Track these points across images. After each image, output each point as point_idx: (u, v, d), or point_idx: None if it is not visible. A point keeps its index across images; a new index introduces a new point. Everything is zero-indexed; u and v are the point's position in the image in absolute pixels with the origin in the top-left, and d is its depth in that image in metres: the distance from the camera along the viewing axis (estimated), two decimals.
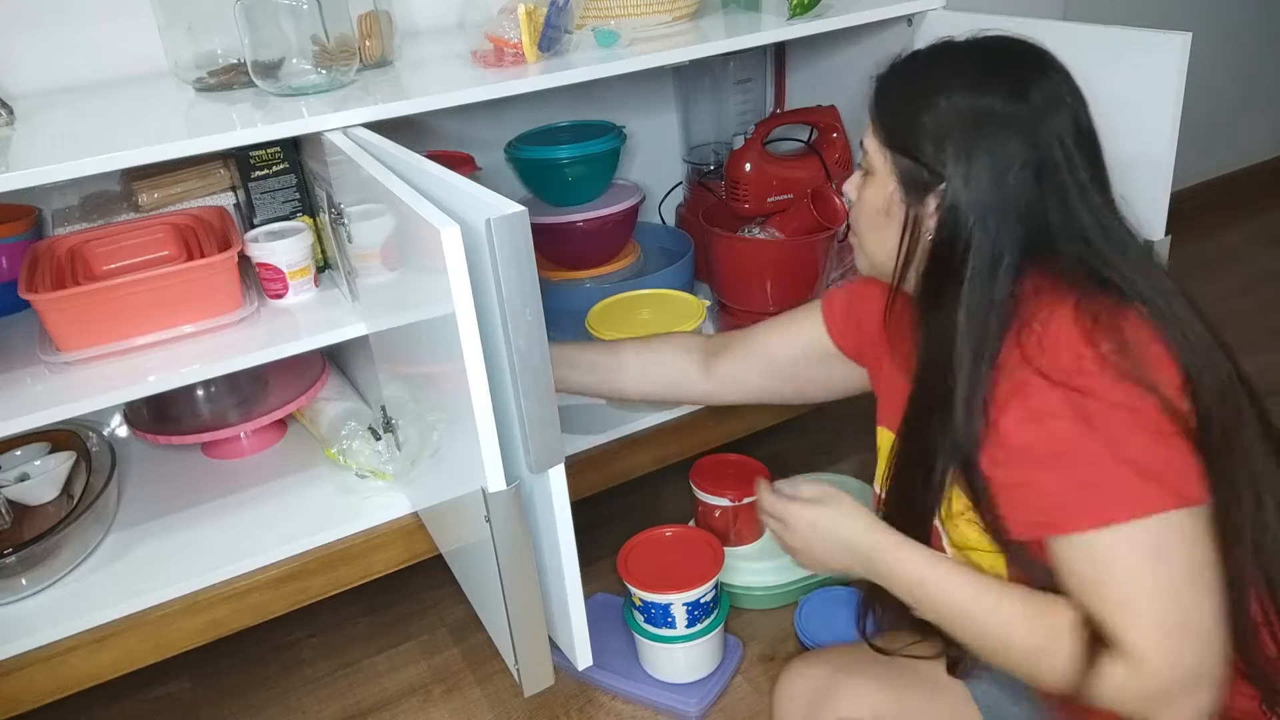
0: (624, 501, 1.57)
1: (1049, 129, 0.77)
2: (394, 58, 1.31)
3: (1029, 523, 0.76)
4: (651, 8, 1.29)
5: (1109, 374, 0.72)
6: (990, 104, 0.78)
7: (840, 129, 1.53)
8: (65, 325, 1.07)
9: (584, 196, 1.53)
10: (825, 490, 0.92)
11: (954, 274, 0.79)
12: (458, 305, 0.78)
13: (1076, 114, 0.79)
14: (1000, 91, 0.78)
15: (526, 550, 0.91)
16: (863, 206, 0.89)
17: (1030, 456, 0.74)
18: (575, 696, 1.28)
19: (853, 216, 0.91)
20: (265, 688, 1.35)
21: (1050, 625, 0.74)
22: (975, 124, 0.78)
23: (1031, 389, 0.74)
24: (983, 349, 0.77)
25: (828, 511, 0.90)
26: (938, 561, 0.83)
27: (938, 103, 0.80)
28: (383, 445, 1.25)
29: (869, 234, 0.89)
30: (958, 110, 0.79)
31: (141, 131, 1.05)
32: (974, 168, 0.78)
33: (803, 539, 0.92)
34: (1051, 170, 0.77)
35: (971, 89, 0.79)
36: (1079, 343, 0.73)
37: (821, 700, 1.00)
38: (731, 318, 1.54)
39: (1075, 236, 0.78)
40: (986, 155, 0.77)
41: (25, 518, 1.23)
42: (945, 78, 0.81)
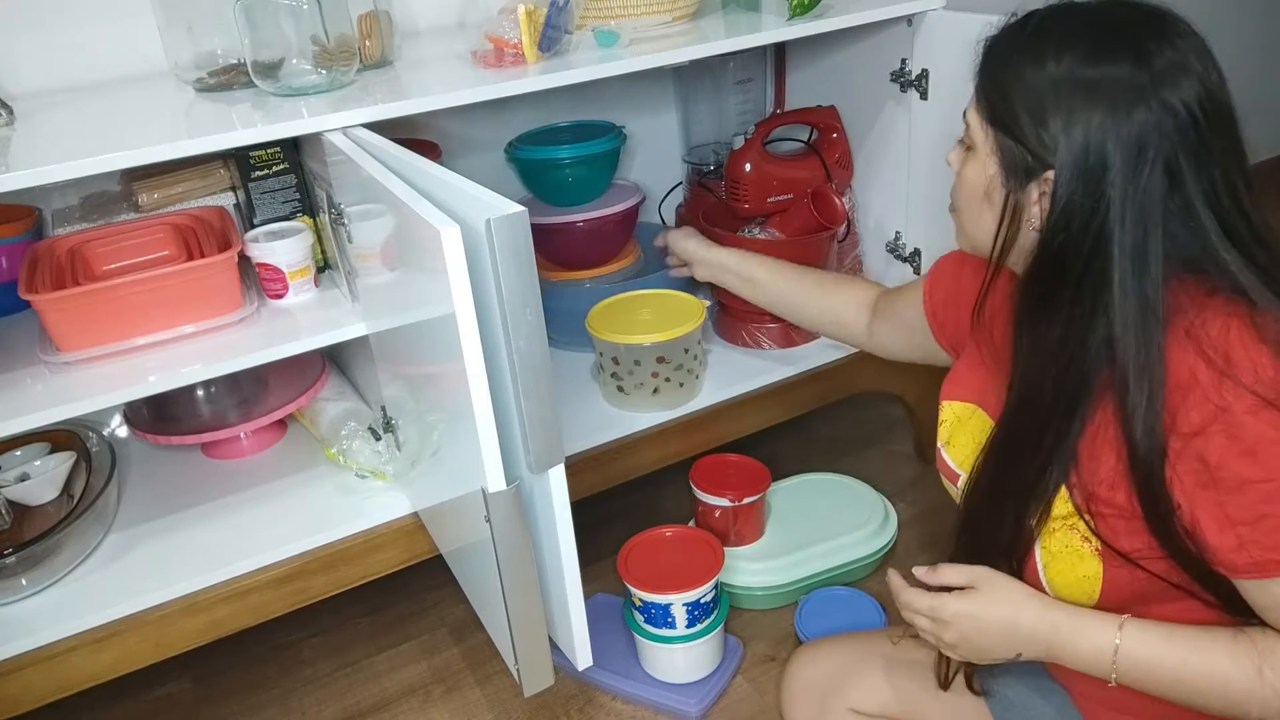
0: (624, 501, 1.57)
1: (1177, 104, 0.69)
2: (394, 58, 1.31)
3: (1268, 560, 0.69)
4: (651, 8, 1.29)
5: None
6: (1110, 72, 0.70)
7: (840, 129, 1.53)
8: (65, 325, 1.07)
9: (584, 197, 1.53)
10: (975, 574, 0.82)
11: (1079, 274, 0.72)
12: (458, 305, 0.78)
13: (1206, 85, 0.71)
14: (1123, 58, 0.70)
15: (526, 550, 0.91)
16: (962, 184, 0.82)
17: (1259, 490, 0.68)
18: (575, 696, 1.28)
19: (954, 192, 0.85)
20: (265, 688, 1.35)
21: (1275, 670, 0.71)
22: (1092, 98, 0.70)
23: (1234, 414, 0.68)
24: (1147, 362, 0.70)
25: (989, 600, 0.80)
26: (1124, 625, 0.76)
27: (1049, 74, 0.72)
28: (383, 445, 1.25)
29: (968, 214, 0.83)
30: (1071, 82, 0.71)
31: (141, 131, 1.05)
32: (1091, 153, 0.70)
33: (962, 634, 0.82)
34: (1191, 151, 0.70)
35: (1089, 56, 0.71)
36: (1266, 354, 0.68)
37: (833, 690, 1.00)
38: (732, 318, 1.54)
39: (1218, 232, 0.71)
40: (1111, 134, 0.69)
41: (25, 518, 1.23)
42: (1058, 44, 0.72)
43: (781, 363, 1.47)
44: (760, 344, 1.51)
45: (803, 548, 1.40)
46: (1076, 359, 0.74)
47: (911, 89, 1.40)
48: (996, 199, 0.78)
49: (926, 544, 1.47)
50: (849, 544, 1.41)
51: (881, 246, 1.57)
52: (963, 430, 0.93)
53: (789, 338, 1.51)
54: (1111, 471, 0.74)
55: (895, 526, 1.46)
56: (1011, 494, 0.80)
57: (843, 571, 1.40)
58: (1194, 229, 0.71)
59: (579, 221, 1.49)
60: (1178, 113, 0.69)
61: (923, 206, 1.46)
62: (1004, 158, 0.76)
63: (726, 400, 1.40)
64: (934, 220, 1.45)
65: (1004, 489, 0.81)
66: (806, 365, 1.46)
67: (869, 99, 1.50)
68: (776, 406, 1.45)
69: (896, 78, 1.42)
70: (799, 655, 1.06)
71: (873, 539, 1.42)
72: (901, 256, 1.53)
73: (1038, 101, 0.72)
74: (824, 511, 1.47)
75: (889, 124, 1.48)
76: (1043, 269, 0.75)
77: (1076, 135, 0.70)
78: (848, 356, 1.49)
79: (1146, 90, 0.69)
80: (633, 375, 1.34)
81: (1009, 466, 0.81)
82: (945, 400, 0.96)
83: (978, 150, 0.79)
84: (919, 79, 1.38)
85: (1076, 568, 0.78)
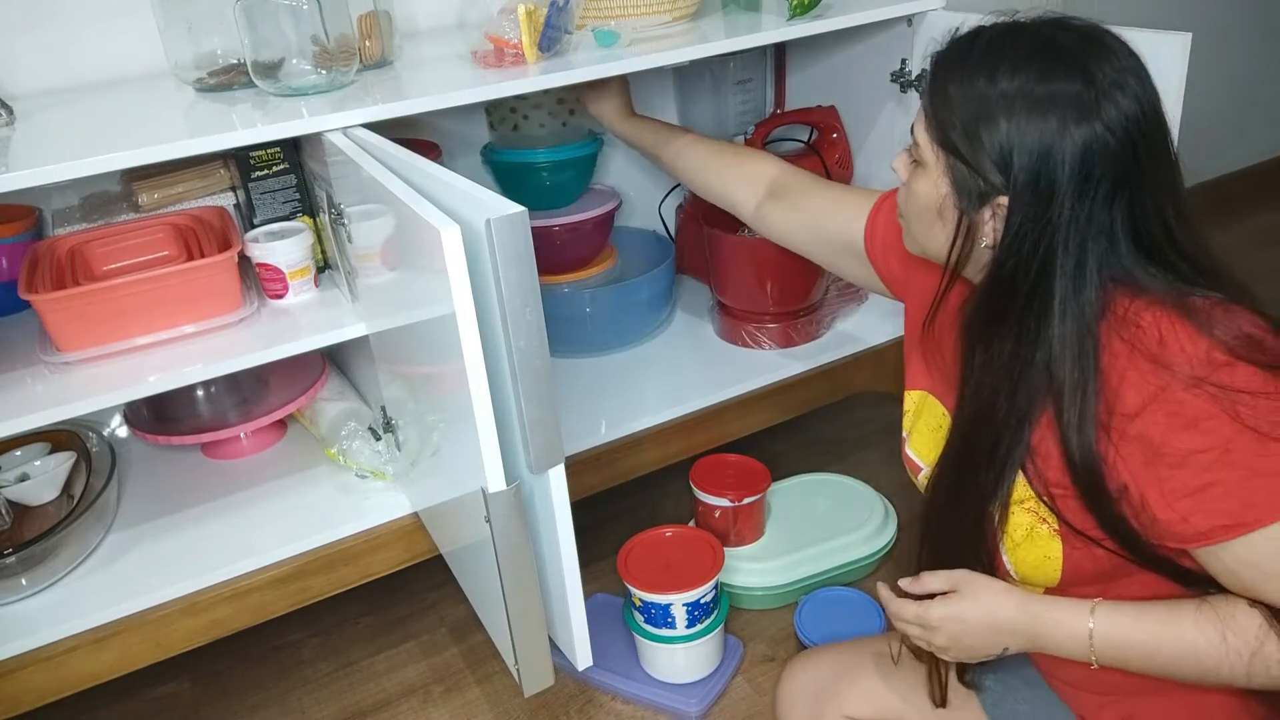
0: (624, 501, 1.57)
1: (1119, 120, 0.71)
2: (394, 58, 1.31)
3: (1213, 527, 0.71)
4: (651, 8, 1.29)
5: (1240, 363, 0.70)
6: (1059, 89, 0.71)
7: (840, 129, 1.53)
8: (65, 325, 1.07)
9: (561, 201, 1.54)
10: (955, 578, 0.84)
11: (1026, 293, 0.75)
12: (458, 306, 0.78)
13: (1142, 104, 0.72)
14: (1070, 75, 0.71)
15: (526, 550, 0.91)
16: (912, 197, 0.83)
17: (1200, 461, 0.71)
18: (575, 696, 1.28)
19: (901, 199, 0.86)
20: (265, 688, 1.35)
21: (1245, 634, 0.73)
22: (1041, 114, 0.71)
23: (1172, 392, 0.71)
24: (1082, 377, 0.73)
25: (971, 602, 0.83)
26: (1095, 609, 0.79)
27: (996, 95, 0.72)
28: (383, 445, 1.25)
29: (918, 226, 0.84)
30: (1023, 104, 0.71)
31: (141, 131, 1.05)
32: (1042, 175, 0.71)
33: (950, 636, 0.84)
34: (1130, 169, 0.72)
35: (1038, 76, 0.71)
36: (1196, 336, 0.71)
37: (826, 697, 1.00)
38: (732, 318, 1.54)
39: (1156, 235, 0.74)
40: (1056, 157, 0.71)
41: (25, 518, 1.23)
42: (1009, 63, 0.73)
43: (781, 363, 1.47)
44: (760, 344, 1.51)
45: (803, 548, 1.40)
46: (1024, 376, 0.76)
47: (911, 89, 1.40)
48: (949, 217, 0.79)
49: None
50: (849, 544, 1.41)
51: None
52: (921, 420, 0.96)
53: (789, 338, 1.51)
54: (1061, 462, 0.77)
55: (895, 526, 1.46)
56: (972, 497, 0.83)
57: (843, 571, 1.40)
58: (1127, 246, 0.74)
59: (555, 226, 1.50)
60: (1117, 131, 0.71)
61: None
62: (956, 180, 0.77)
63: (726, 400, 1.40)
64: None
65: (963, 493, 0.84)
66: (806, 365, 1.46)
67: (869, 99, 1.50)
68: (776, 406, 1.45)
69: (896, 78, 1.42)
70: (793, 662, 1.07)
71: (873, 539, 1.42)
72: None
73: (988, 122, 0.73)
74: (824, 511, 1.47)
75: (889, 124, 1.48)
76: (995, 289, 0.77)
77: (1027, 158, 0.72)
78: (848, 356, 1.49)
79: (1091, 108, 0.71)
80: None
81: (966, 474, 0.83)
82: (906, 389, 0.99)
83: (928, 168, 0.79)
84: (919, 79, 1.38)
85: (1037, 549, 0.81)
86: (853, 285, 1.61)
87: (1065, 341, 0.74)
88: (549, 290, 1.52)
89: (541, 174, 1.49)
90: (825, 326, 1.55)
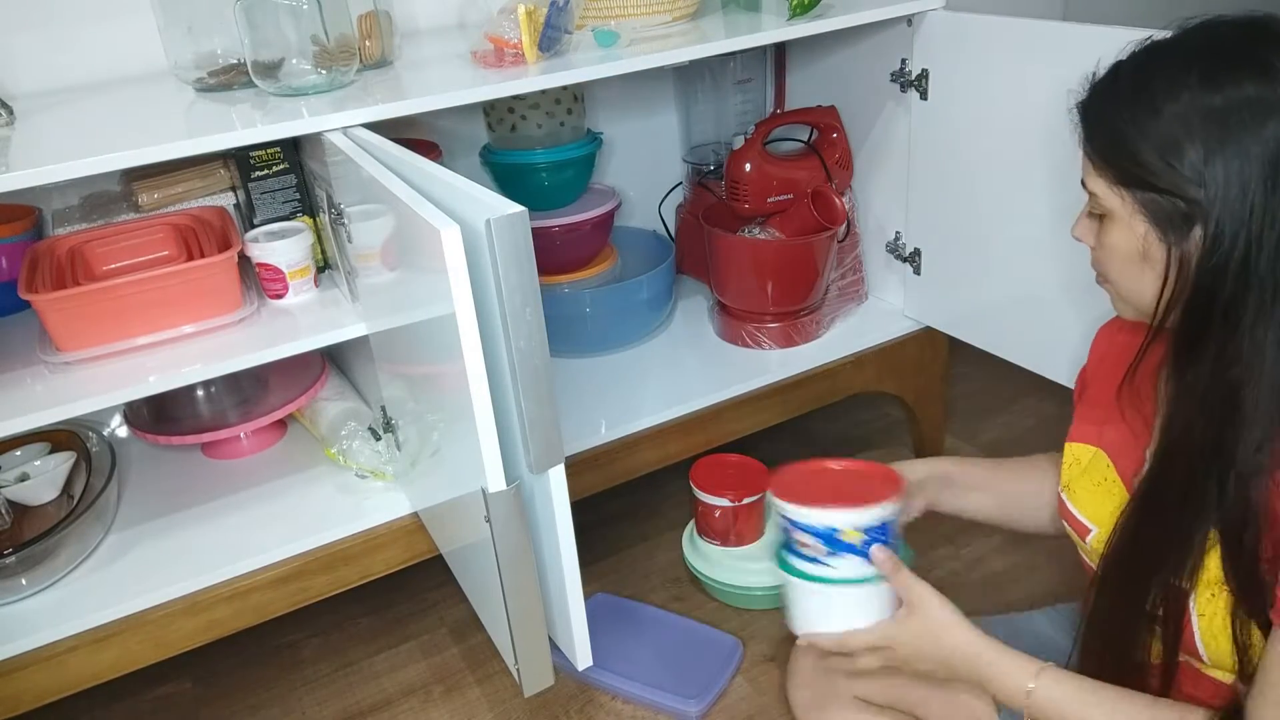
0: (624, 501, 1.57)
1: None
2: (394, 58, 1.31)
3: None
4: (651, 8, 1.29)
5: None
6: (1235, 94, 0.67)
7: (840, 129, 1.53)
8: (65, 325, 1.07)
9: (560, 201, 1.53)
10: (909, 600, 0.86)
11: (1224, 307, 0.70)
12: (458, 305, 0.79)
13: None
14: (1243, 76, 0.67)
15: (526, 550, 0.91)
16: (1109, 254, 0.78)
17: None
18: (575, 696, 1.28)
19: (1099, 262, 0.80)
20: (265, 688, 1.35)
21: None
22: (1224, 125, 0.67)
23: None
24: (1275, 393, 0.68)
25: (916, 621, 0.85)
26: (1039, 675, 0.79)
27: (1169, 116, 0.69)
28: (383, 445, 1.25)
29: (1126, 280, 0.78)
30: (1198, 116, 0.68)
31: (141, 131, 1.05)
32: (1242, 177, 0.67)
33: (909, 650, 0.86)
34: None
35: (1205, 85, 0.68)
36: None
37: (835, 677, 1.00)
38: (732, 318, 1.54)
39: None
40: (1249, 157, 0.67)
41: (25, 518, 1.23)
42: (1168, 83, 0.70)
43: (781, 363, 1.47)
44: (760, 344, 1.51)
45: None
46: (1220, 398, 0.71)
47: (911, 89, 1.40)
48: (1157, 256, 0.74)
49: (927, 544, 1.47)
50: None
51: (881, 246, 1.57)
52: (1084, 475, 0.90)
53: (789, 338, 1.51)
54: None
55: None
56: (1158, 550, 0.76)
57: None
58: None
59: (554, 227, 1.49)
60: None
61: (923, 206, 1.46)
62: (1153, 214, 0.73)
63: (726, 400, 1.40)
64: (934, 220, 1.45)
65: (1148, 550, 0.77)
66: (806, 365, 1.46)
67: (869, 99, 1.50)
68: (776, 406, 1.45)
69: (896, 78, 1.42)
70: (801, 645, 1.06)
71: None
72: (901, 256, 1.53)
73: (1171, 146, 0.69)
74: None
75: (889, 124, 1.48)
76: (1192, 311, 0.73)
77: (1218, 167, 0.68)
78: (848, 356, 1.49)
79: (1274, 103, 0.67)
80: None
81: (1156, 520, 0.77)
82: (1068, 442, 0.93)
83: (1116, 215, 0.75)
84: (919, 79, 1.38)
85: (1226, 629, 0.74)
86: (853, 285, 1.61)
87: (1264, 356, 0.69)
88: (549, 290, 1.52)
89: (540, 174, 1.49)
90: (825, 326, 1.55)
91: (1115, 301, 0.83)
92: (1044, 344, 1.31)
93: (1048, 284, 1.26)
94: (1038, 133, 1.20)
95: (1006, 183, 1.28)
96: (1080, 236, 0.82)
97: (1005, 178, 1.28)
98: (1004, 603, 1.38)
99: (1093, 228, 0.80)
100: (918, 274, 1.51)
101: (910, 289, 1.54)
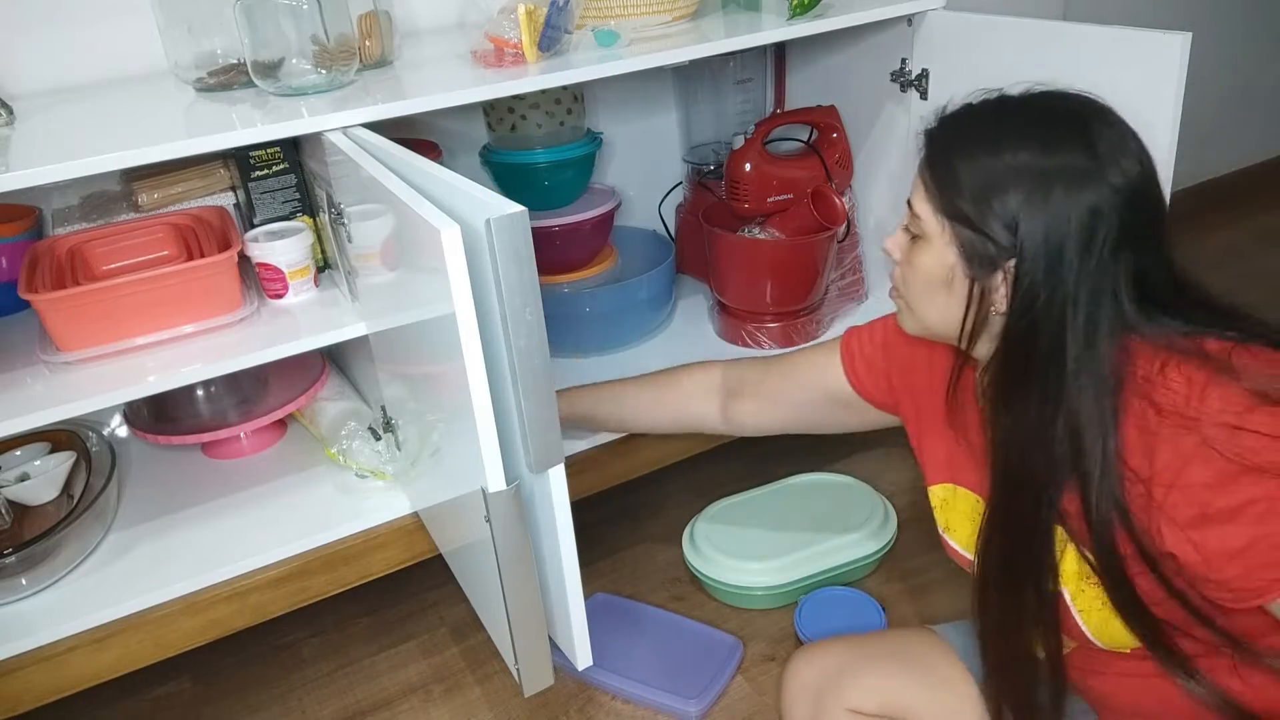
0: (624, 501, 1.57)
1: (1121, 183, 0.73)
2: (394, 58, 1.31)
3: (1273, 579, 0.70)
4: (651, 8, 1.29)
5: (1264, 408, 0.70)
6: (1062, 160, 0.73)
7: (840, 129, 1.53)
8: (65, 325, 1.07)
9: (560, 201, 1.53)
10: None
11: (1044, 353, 0.75)
12: (458, 305, 0.78)
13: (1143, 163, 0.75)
14: (1073, 146, 0.74)
15: (526, 550, 0.91)
16: (915, 272, 0.83)
17: (1250, 514, 0.69)
18: (575, 696, 1.28)
19: (900, 278, 0.87)
20: (265, 688, 1.35)
21: None
22: (1048, 185, 0.73)
23: (1210, 447, 0.70)
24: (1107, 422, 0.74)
25: None
26: None
27: (1003, 166, 0.75)
28: (383, 445, 1.25)
29: (923, 301, 0.84)
30: (1028, 171, 0.74)
31: (141, 131, 1.05)
32: (1050, 237, 0.73)
33: None
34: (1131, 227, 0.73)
35: (1041, 147, 0.74)
36: (1225, 385, 0.71)
37: (829, 689, 1.00)
38: (732, 317, 1.54)
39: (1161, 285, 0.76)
40: (1064, 218, 0.73)
41: (25, 518, 1.23)
42: (1010, 136, 0.76)
43: None
44: (760, 344, 1.51)
45: (803, 548, 1.39)
46: (1051, 437, 0.76)
47: (911, 89, 1.40)
48: (959, 287, 0.80)
49: (926, 544, 1.47)
50: (849, 544, 1.41)
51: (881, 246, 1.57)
52: (954, 512, 0.96)
53: (789, 338, 1.51)
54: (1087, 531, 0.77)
55: (895, 526, 1.46)
56: (1023, 569, 0.82)
57: (843, 571, 1.40)
58: (1134, 299, 0.75)
59: (555, 226, 1.49)
60: (1120, 191, 0.73)
61: None
62: (965, 248, 0.78)
63: None
64: None
65: (1014, 567, 0.83)
66: None
67: (869, 99, 1.50)
68: None
69: (896, 78, 1.43)
70: (797, 656, 1.07)
71: (873, 539, 1.42)
72: None
73: (997, 191, 0.74)
74: (824, 511, 1.47)
75: (889, 124, 1.48)
76: (1011, 353, 0.79)
77: (1036, 222, 0.73)
78: None
79: (1095, 174, 0.73)
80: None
81: (1012, 545, 0.83)
82: (928, 486, 0.99)
83: (931, 239, 0.80)
84: (919, 79, 1.38)
85: (1111, 619, 0.80)
86: (853, 285, 1.61)
87: (1083, 400, 0.74)
88: (549, 290, 1.52)
89: (540, 174, 1.49)
90: (825, 326, 1.55)
91: (902, 315, 0.89)
92: None
93: None
94: None
95: None
96: (889, 250, 0.87)
97: None
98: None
99: (904, 245, 0.85)
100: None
101: None
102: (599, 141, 1.53)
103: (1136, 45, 1.09)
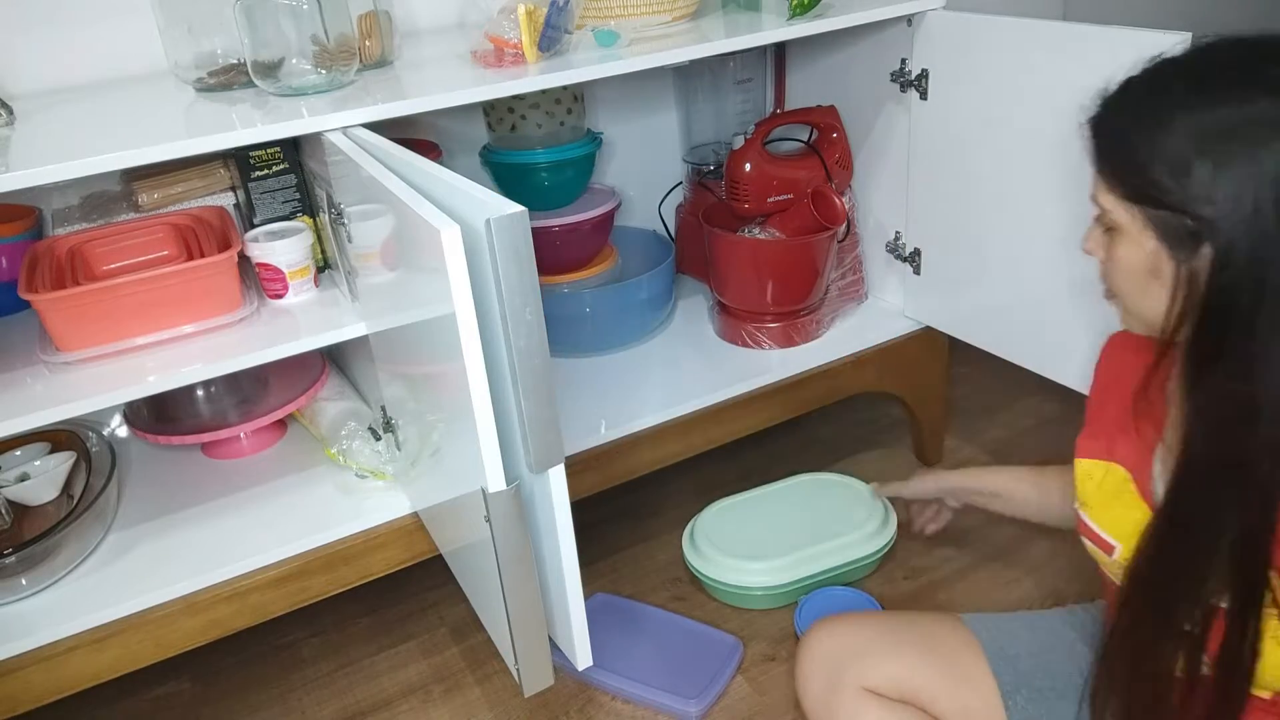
0: (624, 501, 1.57)
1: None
2: (394, 58, 1.31)
3: None
4: (651, 8, 1.29)
5: None
6: (1245, 111, 0.67)
7: (840, 129, 1.53)
8: (65, 325, 1.07)
9: (560, 201, 1.53)
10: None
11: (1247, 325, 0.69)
12: (458, 305, 0.79)
13: None
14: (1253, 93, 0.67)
15: (526, 550, 0.91)
16: (1117, 266, 0.78)
17: None
18: (575, 696, 1.28)
19: (1107, 275, 0.81)
20: (265, 688, 1.35)
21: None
22: (1233, 141, 0.67)
23: None
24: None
25: None
26: None
27: (1179, 133, 0.69)
28: (383, 445, 1.25)
29: (1135, 296, 0.78)
30: (1208, 133, 0.68)
31: (141, 131, 1.05)
32: (1253, 194, 0.66)
33: None
34: None
35: (1215, 102, 0.68)
36: None
37: (847, 666, 1.00)
38: (732, 317, 1.54)
39: None
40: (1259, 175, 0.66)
41: (25, 518, 1.23)
42: (1178, 100, 0.70)
43: (781, 363, 1.47)
44: (760, 344, 1.51)
45: (803, 548, 1.40)
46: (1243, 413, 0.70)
47: (911, 89, 1.40)
48: (1166, 272, 0.74)
49: (927, 544, 1.47)
50: (849, 544, 1.41)
51: (881, 246, 1.57)
52: (1099, 491, 0.90)
53: (789, 338, 1.51)
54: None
55: (895, 526, 1.46)
56: (1186, 567, 0.75)
57: (843, 571, 1.40)
58: None
59: (555, 226, 1.49)
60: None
61: (922, 206, 1.46)
62: (1162, 230, 0.73)
63: (726, 400, 1.40)
64: (934, 220, 1.45)
65: (1177, 562, 0.76)
66: (806, 365, 1.46)
67: (869, 99, 1.50)
68: (776, 406, 1.45)
69: (896, 78, 1.42)
70: (816, 629, 1.05)
71: (873, 539, 1.42)
72: (901, 256, 1.53)
73: (1180, 164, 0.69)
74: (824, 511, 1.47)
75: (889, 124, 1.48)
76: (1208, 324, 0.72)
77: (1227, 185, 0.67)
78: (848, 356, 1.49)
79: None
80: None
81: (1181, 536, 0.76)
82: (1078, 459, 0.93)
83: (1125, 230, 0.76)
84: (919, 79, 1.38)
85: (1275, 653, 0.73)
86: (853, 285, 1.61)
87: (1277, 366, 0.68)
88: (549, 290, 1.52)
89: (540, 174, 1.49)
90: (825, 326, 1.55)
91: (1123, 316, 0.83)
92: (1045, 343, 1.31)
93: (1048, 283, 1.26)
94: (1038, 133, 1.20)
95: (1006, 182, 1.28)
96: (1091, 250, 0.82)
97: (1005, 177, 1.28)
98: (1005, 603, 1.38)
99: (1103, 241, 0.80)
100: (918, 274, 1.51)
101: (910, 289, 1.54)
102: (599, 141, 1.53)
103: (1136, 45, 1.09)
